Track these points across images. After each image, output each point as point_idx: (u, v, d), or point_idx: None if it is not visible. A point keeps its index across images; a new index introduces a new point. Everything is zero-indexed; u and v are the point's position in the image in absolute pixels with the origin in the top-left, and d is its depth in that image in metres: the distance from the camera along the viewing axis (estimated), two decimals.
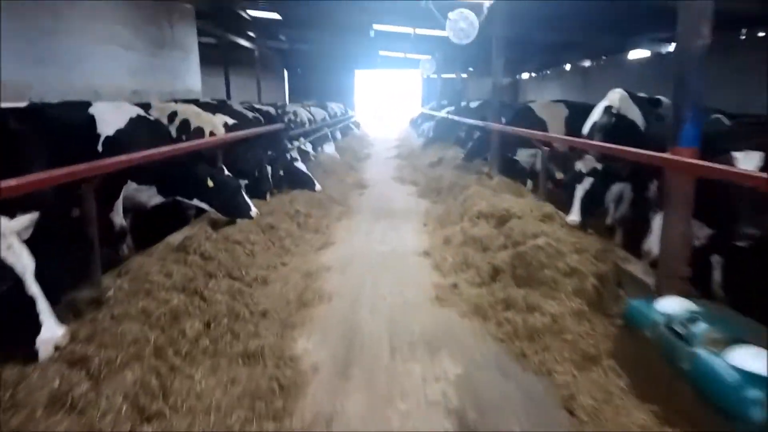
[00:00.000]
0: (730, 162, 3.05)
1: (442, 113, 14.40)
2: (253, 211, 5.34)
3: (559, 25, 12.38)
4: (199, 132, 5.97)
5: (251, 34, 19.00)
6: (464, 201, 6.30)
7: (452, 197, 7.15)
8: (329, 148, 11.25)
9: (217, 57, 17.88)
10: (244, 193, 5.43)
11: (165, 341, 2.74)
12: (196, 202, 5.23)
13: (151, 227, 5.37)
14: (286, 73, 25.69)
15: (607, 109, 4.58)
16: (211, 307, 3.23)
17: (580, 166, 4.32)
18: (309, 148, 10.48)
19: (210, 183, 5.06)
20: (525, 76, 24.87)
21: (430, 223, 6.44)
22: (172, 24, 11.29)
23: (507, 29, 9.10)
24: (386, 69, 26.99)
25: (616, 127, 4.45)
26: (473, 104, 12.26)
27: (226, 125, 6.52)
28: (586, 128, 4.89)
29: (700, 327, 2.49)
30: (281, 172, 7.02)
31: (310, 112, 13.08)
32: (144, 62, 9.73)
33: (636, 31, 12.53)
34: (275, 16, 14.80)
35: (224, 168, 5.46)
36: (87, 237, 3.49)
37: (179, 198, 5.26)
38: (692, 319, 2.57)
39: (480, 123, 9.10)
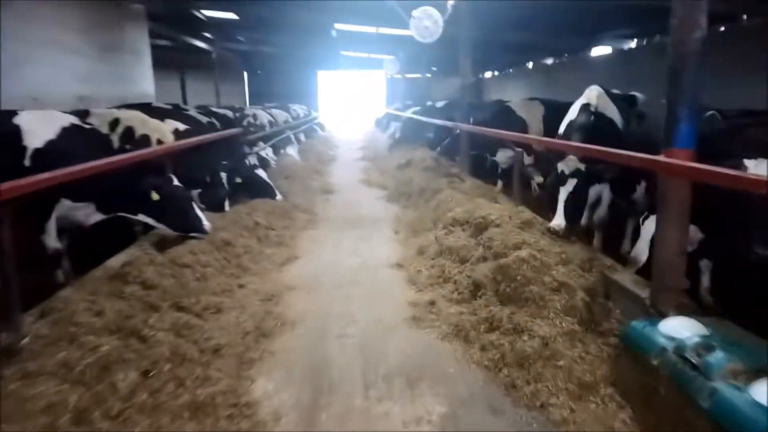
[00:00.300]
0: (741, 170, 2.76)
1: (408, 113, 14.06)
2: (206, 225, 4.81)
3: (524, 24, 12.21)
4: (146, 140, 5.39)
5: (208, 35, 18.21)
6: (437, 206, 5.93)
7: (423, 201, 6.77)
8: (292, 151, 10.72)
9: (173, 60, 17.05)
10: (196, 206, 4.91)
11: (90, 401, 2.23)
12: (141, 217, 4.67)
13: (94, 247, 4.80)
14: (246, 75, 24.91)
15: (585, 107, 4.28)
16: (151, 350, 2.72)
17: (562, 166, 4.01)
18: (269, 152, 9.93)
19: (154, 196, 4.53)
20: (488, 75, 24.85)
21: (402, 230, 6.05)
22: (121, 26, 10.67)
23: (472, 28, 8.81)
24: (349, 70, 26.52)
25: (595, 126, 4.16)
26: (439, 104, 11.94)
27: (176, 131, 5.95)
28: (562, 128, 4.59)
29: (718, 356, 2.17)
30: (239, 180, 6.48)
31: (270, 115, 12.49)
32: (91, 67, 9.11)
33: (599, 29, 12.49)
34: (232, 16, 14.13)
35: (173, 178, 4.91)
36: (2, 271, 2.93)
37: (122, 214, 4.70)
38: (706, 345, 2.26)
39: (449, 123, 8.77)
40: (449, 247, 4.39)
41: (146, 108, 7.37)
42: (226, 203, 5.97)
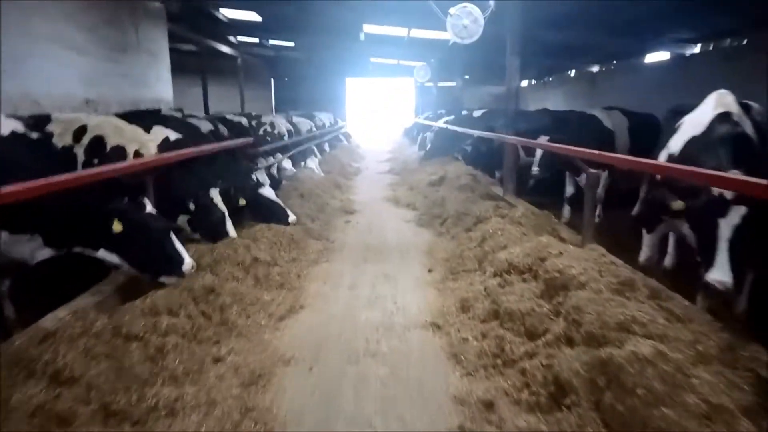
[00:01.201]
0: None
1: (440, 123, 12.79)
2: (187, 265, 3.66)
3: (572, 23, 10.79)
4: (119, 153, 4.29)
5: (233, 39, 17.41)
6: (482, 240, 4.64)
7: (463, 230, 5.49)
8: (312, 164, 9.58)
9: (196, 64, 16.28)
10: (175, 240, 3.76)
11: None
12: (102, 254, 3.56)
13: (52, 285, 3.73)
14: (273, 81, 24.09)
15: (725, 118, 2.93)
16: None
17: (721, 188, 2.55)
18: (288, 164, 8.83)
19: (117, 226, 3.40)
20: (524, 83, 23.38)
21: (437, 268, 4.78)
22: (137, 25, 9.82)
23: (520, 24, 7.53)
24: (378, 77, 25.41)
25: (738, 144, 2.81)
26: (477, 113, 10.66)
27: (165, 142, 4.85)
28: (677, 145, 3.24)
29: None
30: (242, 201, 5.34)
31: (291, 123, 11.43)
32: (101, 68, 8.26)
33: (656, 32, 11.01)
34: (254, 17, 13.19)
35: (146, 204, 3.78)
36: None
37: (78, 250, 3.60)
38: None
39: (491, 135, 7.47)
40: (509, 311, 3.09)
41: (145, 114, 6.41)
42: (229, 228, 4.78)
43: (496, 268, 3.78)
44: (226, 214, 4.89)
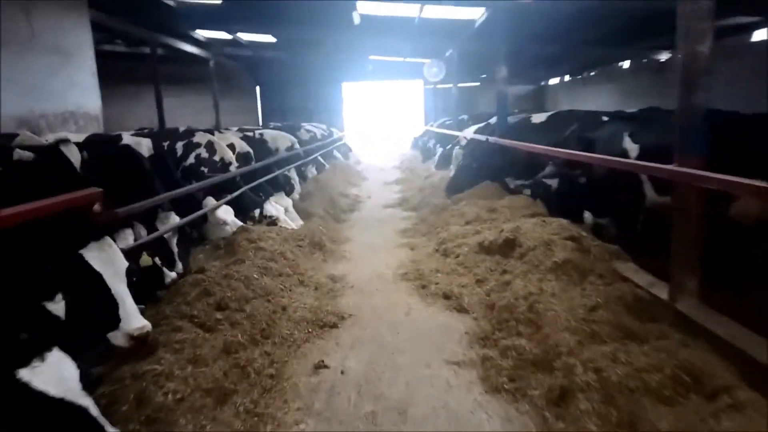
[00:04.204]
0: None
1: (470, 133, 8.94)
2: None
3: None
4: None
5: (199, 37, 13.66)
6: None
7: None
8: (276, 209, 5.68)
9: (164, 70, 12.57)
10: None
11: None
12: None
13: None
14: (258, 89, 20.36)
15: None
16: None
17: None
18: (228, 216, 4.98)
19: None
20: (553, 81, 19.52)
21: None
22: (29, 14, 6.45)
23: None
24: (380, 80, 21.58)
25: None
26: (537, 118, 6.74)
27: None
28: None
29: None
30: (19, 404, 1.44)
31: (257, 141, 7.60)
32: None
33: None
34: None
35: None
36: None
37: None
38: None
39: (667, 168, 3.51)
40: None
41: None
42: None
43: None
44: None
